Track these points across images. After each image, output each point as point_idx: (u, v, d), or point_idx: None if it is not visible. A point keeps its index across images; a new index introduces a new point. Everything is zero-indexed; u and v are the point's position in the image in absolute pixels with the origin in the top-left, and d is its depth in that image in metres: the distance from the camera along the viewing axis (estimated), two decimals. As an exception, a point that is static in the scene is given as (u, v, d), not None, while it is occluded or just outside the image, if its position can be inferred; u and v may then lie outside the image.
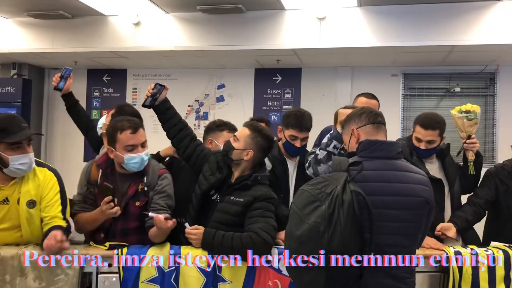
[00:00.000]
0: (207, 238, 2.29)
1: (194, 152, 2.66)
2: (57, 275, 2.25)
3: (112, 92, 7.00)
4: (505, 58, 5.60)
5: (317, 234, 1.79)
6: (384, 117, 2.18)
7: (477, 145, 2.92)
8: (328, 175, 1.92)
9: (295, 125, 2.73)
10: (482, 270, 2.42)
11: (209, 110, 6.77)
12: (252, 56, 5.86)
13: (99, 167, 2.51)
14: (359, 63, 6.18)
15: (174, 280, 2.28)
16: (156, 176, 2.50)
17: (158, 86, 2.66)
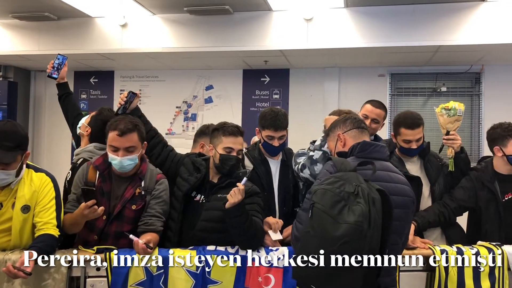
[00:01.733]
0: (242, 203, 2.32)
1: (167, 158, 2.68)
2: (44, 279, 2.23)
3: (100, 94, 6.97)
4: (489, 58, 5.67)
5: (360, 234, 1.80)
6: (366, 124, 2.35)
7: (457, 142, 2.90)
8: (339, 175, 1.93)
9: (270, 125, 2.75)
10: (467, 267, 2.46)
11: (198, 111, 6.77)
12: (240, 57, 5.87)
13: (96, 168, 2.49)
14: (347, 64, 6.22)
15: (162, 283, 2.28)
16: (154, 180, 2.50)
17: (131, 94, 2.69)
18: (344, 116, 2.39)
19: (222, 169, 2.53)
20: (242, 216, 2.28)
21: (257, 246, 2.38)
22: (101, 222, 2.42)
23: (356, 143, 2.18)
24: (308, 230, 1.87)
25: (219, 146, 2.52)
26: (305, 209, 2.04)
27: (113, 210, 2.42)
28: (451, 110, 2.89)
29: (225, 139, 2.51)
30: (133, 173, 2.48)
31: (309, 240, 1.87)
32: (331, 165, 2.05)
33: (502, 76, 6.06)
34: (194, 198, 2.54)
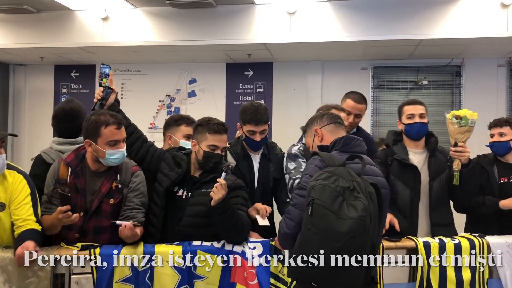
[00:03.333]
0: (228, 198, 2.30)
1: (147, 154, 2.66)
2: (27, 277, 2.21)
3: (81, 88, 6.85)
4: (470, 51, 5.75)
5: (364, 229, 1.82)
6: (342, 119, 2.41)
7: (466, 154, 2.77)
8: (331, 170, 1.94)
9: (251, 120, 2.75)
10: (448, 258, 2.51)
11: (181, 105, 6.72)
12: (223, 50, 5.84)
13: (68, 165, 2.46)
14: (330, 57, 6.24)
15: (148, 279, 2.27)
16: (130, 173, 2.49)
17: (107, 89, 2.66)
18: (320, 112, 2.46)
19: (205, 166, 2.52)
20: (228, 212, 2.29)
21: (244, 239, 2.39)
22: (79, 219, 2.37)
23: (339, 137, 2.21)
24: (309, 228, 1.86)
25: (203, 143, 2.50)
26: (296, 205, 2.04)
27: (91, 206, 2.39)
28: (462, 119, 2.73)
29: (210, 137, 2.49)
30: (108, 167, 2.46)
31: (311, 237, 1.86)
32: (319, 160, 2.07)
33: (482, 70, 6.15)
34: (176, 193, 2.53)
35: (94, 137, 2.39)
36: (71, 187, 2.39)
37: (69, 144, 2.76)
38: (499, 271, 2.56)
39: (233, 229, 2.34)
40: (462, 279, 2.50)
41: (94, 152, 2.41)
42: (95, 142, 2.39)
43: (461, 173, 2.80)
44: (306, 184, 1.99)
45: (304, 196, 1.98)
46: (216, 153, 2.49)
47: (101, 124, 2.38)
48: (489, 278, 2.56)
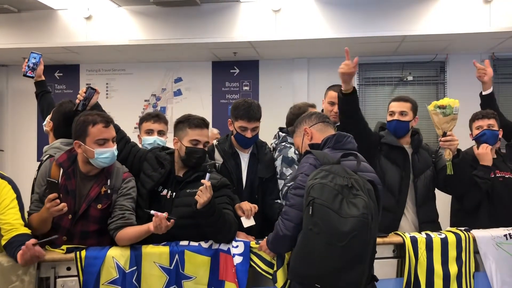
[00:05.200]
0: (213, 200, 2.28)
1: (129, 154, 2.64)
2: (11, 282, 2.16)
3: (65, 88, 6.77)
4: (453, 47, 5.81)
5: (367, 226, 1.82)
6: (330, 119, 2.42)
7: (455, 143, 2.76)
8: (327, 168, 1.93)
9: (243, 116, 2.74)
10: (436, 252, 2.53)
11: (167, 104, 6.68)
12: (208, 49, 5.82)
13: (60, 166, 2.42)
14: (315, 55, 6.25)
15: (136, 280, 2.25)
16: (121, 179, 2.44)
17: (90, 89, 2.64)
18: (308, 112, 2.47)
19: (189, 162, 2.50)
20: (214, 215, 2.26)
21: (231, 239, 2.37)
22: (67, 222, 2.35)
23: (330, 135, 2.21)
24: (310, 228, 1.84)
25: (185, 139, 2.48)
26: (293, 206, 2.03)
27: (79, 209, 2.36)
28: (446, 108, 2.72)
29: (191, 132, 2.48)
30: (99, 171, 2.43)
31: (313, 238, 1.84)
32: (313, 158, 2.06)
33: (466, 65, 6.15)
34: (160, 193, 2.50)
35: (83, 137, 2.36)
36: (62, 189, 2.35)
37: None
38: (484, 264, 2.59)
39: (221, 230, 2.33)
40: (449, 273, 2.52)
41: (83, 153, 2.37)
42: (84, 142, 2.35)
43: (454, 163, 2.79)
44: (303, 183, 1.98)
45: (301, 195, 1.96)
46: (198, 147, 2.47)
47: (88, 123, 2.35)
48: (475, 271, 2.58)
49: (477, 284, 2.57)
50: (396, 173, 2.92)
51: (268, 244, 2.21)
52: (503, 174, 2.99)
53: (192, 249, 2.32)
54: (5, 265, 2.18)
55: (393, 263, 2.56)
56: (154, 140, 3.00)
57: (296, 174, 2.11)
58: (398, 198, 2.89)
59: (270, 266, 2.30)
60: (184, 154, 2.47)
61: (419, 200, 2.94)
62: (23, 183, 2.71)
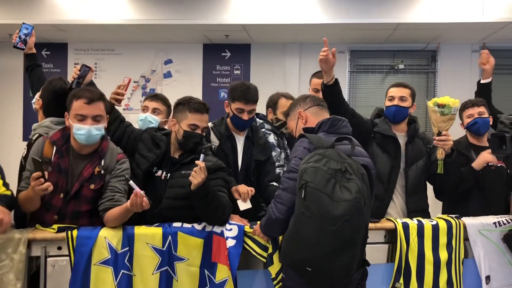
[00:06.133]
0: (207, 182, 2.24)
1: (124, 134, 2.60)
2: (1, 260, 2.13)
3: (52, 67, 6.62)
4: (445, 36, 5.82)
5: (359, 211, 1.81)
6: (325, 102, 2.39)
7: (449, 143, 2.74)
8: (320, 152, 1.92)
9: (241, 97, 2.72)
10: (427, 238, 2.55)
11: (156, 86, 6.59)
12: (200, 30, 5.74)
13: (53, 143, 2.37)
14: (308, 40, 6.21)
15: (128, 261, 2.22)
16: (115, 159, 2.40)
17: (84, 67, 2.60)
18: (303, 95, 2.44)
19: (185, 146, 2.47)
20: (208, 196, 2.24)
21: (225, 222, 2.36)
22: (58, 201, 2.31)
23: (325, 118, 2.20)
24: (302, 211, 1.83)
25: (184, 122, 2.45)
26: (287, 189, 2.02)
27: (71, 189, 2.32)
28: (445, 108, 2.70)
29: (191, 115, 2.44)
30: (93, 151, 2.38)
31: (304, 221, 1.83)
32: (307, 142, 2.04)
33: (457, 55, 6.24)
34: (155, 174, 2.47)
35: (68, 111, 2.35)
36: (55, 167, 2.31)
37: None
38: (473, 251, 2.63)
39: (214, 212, 2.31)
40: (439, 259, 2.55)
41: (69, 127, 2.34)
42: (69, 115, 2.34)
43: (445, 162, 2.79)
44: (296, 167, 1.96)
45: (294, 179, 1.95)
46: (196, 132, 2.44)
47: (73, 97, 2.33)
48: (464, 258, 2.62)
49: (465, 270, 2.61)
50: (387, 162, 2.93)
51: (261, 228, 2.20)
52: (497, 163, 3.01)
53: (185, 231, 2.30)
54: (-5, 242, 2.15)
55: (384, 249, 2.58)
56: (145, 117, 2.99)
57: (290, 157, 2.10)
58: (386, 187, 2.91)
59: (264, 249, 2.30)
60: (182, 138, 2.44)
61: (410, 189, 2.95)
62: (8, 161, 2.66)
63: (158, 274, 2.26)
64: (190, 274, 2.29)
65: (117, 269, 2.20)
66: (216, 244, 2.32)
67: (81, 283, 2.16)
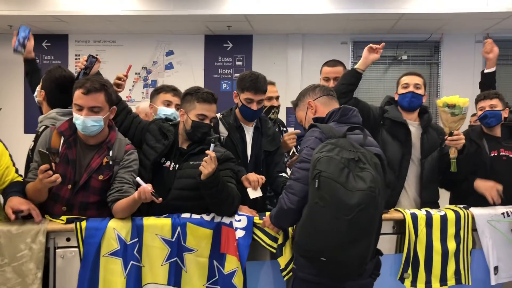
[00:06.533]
0: (218, 172, 2.24)
1: (131, 125, 2.58)
2: (20, 250, 2.12)
3: (53, 59, 6.60)
4: (449, 26, 5.79)
5: (374, 200, 1.80)
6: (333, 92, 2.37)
7: (461, 142, 2.71)
8: (333, 141, 1.91)
9: (250, 87, 2.70)
10: (435, 229, 2.54)
11: (158, 78, 6.57)
12: (202, 21, 5.70)
13: (61, 134, 2.34)
14: (310, 30, 6.18)
15: (137, 252, 2.21)
16: (123, 150, 2.38)
17: (91, 58, 2.56)
18: (312, 85, 2.41)
19: (193, 136, 2.45)
20: (218, 186, 2.23)
21: (234, 212, 2.35)
22: (66, 192, 2.29)
23: (335, 108, 2.18)
24: (316, 201, 1.81)
25: (192, 112, 2.43)
26: (298, 179, 2.00)
27: (79, 179, 2.30)
28: (455, 108, 2.66)
29: (199, 106, 2.42)
30: (100, 141, 2.36)
31: (319, 211, 1.82)
32: (319, 131, 2.02)
33: (460, 45, 6.21)
34: (163, 165, 2.46)
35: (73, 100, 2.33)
36: (62, 158, 2.29)
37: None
38: (481, 242, 2.62)
39: (223, 203, 2.30)
40: (447, 249, 2.54)
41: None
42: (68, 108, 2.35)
43: (458, 159, 2.77)
44: (308, 157, 1.94)
45: (306, 169, 1.94)
46: (205, 123, 2.43)
47: (76, 86, 2.31)
48: (472, 248, 2.61)
49: (473, 260, 2.61)
50: (397, 149, 2.91)
51: (272, 219, 2.19)
52: (507, 153, 2.99)
53: (194, 222, 2.29)
54: (14, 232, 2.14)
55: (393, 239, 2.57)
56: (172, 113, 2.87)
57: (301, 147, 2.08)
58: (398, 174, 2.88)
59: (274, 240, 2.29)
60: (190, 128, 2.42)
61: (425, 181, 2.92)
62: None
63: (167, 265, 2.25)
64: (199, 265, 2.28)
65: (127, 260, 2.19)
66: (225, 235, 2.31)
67: (90, 274, 2.15)
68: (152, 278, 2.24)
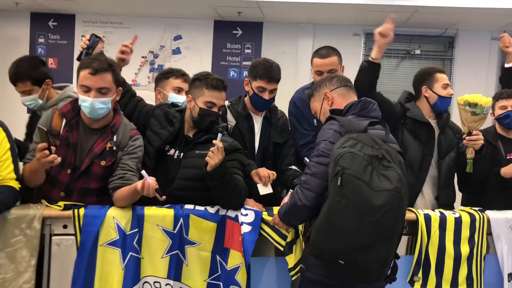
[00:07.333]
0: (224, 163, 2.13)
1: (135, 109, 2.46)
2: (14, 235, 2.03)
3: (59, 39, 6.47)
4: (464, 22, 5.64)
5: (400, 201, 1.70)
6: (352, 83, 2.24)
7: (480, 142, 2.61)
8: (354, 136, 1.79)
9: (263, 75, 2.58)
10: (448, 231, 2.43)
11: (165, 62, 6.43)
12: (211, 6, 5.56)
13: (63, 116, 2.23)
14: (322, 20, 6.03)
15: (136, 243, 2.12)
16: (128, 136, 2.27)
17: (94, 37, 2.44)
18: (329, 75, 2.29)
19: (200, 125, 2.34)
20: (225, 178, 2.12)
21: (240, 206, 2.24)
22: (65, 176, 2.19)
23: (355, 100, 2.06)
24: (338, 200, 1.69)
25: (200, 99, 2.31)
26: (315, 174, 1.87)
27: (80, 164, 2.19)
28: (477, 108, 2.54)
29: (208, 92, 2.30)
30: (104, 125, 2.25)
31: (340, 211, 1.70)
32: (338, 124, 1.90)
33: (475, 42, 6.06)
34: (167, 152, 2.35)
35: (77, 81, 2.21)
36: (63, 141, 2.18)
37: None
38: (496, 246, 2.52)
39: (230, 195, 2.19)
40: (460, 253, 2.44)
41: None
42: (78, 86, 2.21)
43: (474, 160, 2.66)
44: (327, 151, 1.83)
45: (325, 164, 1.82)
46: (213, 111, 2.31)
47: (80, 66, 2.20)
48: (486, 253, 2.51)
49: (486, 266, 2.50)
50: (419, 150, 2.77)
51: (281, 215, 2.07)
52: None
53: (197, 214, 2.19)
54: (8, 217, 2.05)
55: (404, 240, 2.45)
56: (184, 101, 2.65)
57: (318, 140, 1.95)
58: (417, 176, 2.76)
59: (283, 237, 2.19)
60: (197, 115, 2.31)
61: (443, 183, 2.80)
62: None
63: (168, 257, 2.15)
64: (201, 259, 2.19)
65: (125, 251, 2.10)
66: (229, 229, 2.20)
67: (87, 264, 2.06)
68: (151, 270, 2.15)
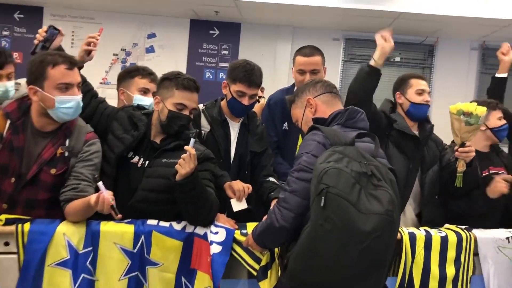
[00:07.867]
0: (196, 173, 1.90)
1: (95, 111, 2.20)
2: None
3: (25, 32, 6.17)
4: (445, 31, 5.61)
5: (391, 226, 1.51)
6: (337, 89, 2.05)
7: (471, 154, 2.40)
8: (339, 150, 1.59)
9: (243, 79, 2.35)
10: (434, 252, 2.27)
11: (137, 61, 6.20)
12: (188, 3, 5.35)
13: (7, 116, 1.96)
14: (301, 23, 5.89)
15: (90, 264, 1.86)
16: (82, 140, 2.00)
17: (52, 29, 2.19)
18: (312, 80, 2.08)
19: (169, 129, 2.09)
20: (196, 189, 1.89)
21: (210, 222, 2.02)
22: (9, 185, 1.91)
23: (341, 109, 1.86)
24: (321, 223, 1.48)
25: (169, 100, 2.07)
26: (295, 192, 1.66)
27: (27, 172, 1.92)
28: (472, 117, 2.35)
29: (178, 93, 2.06)
30: (56, 128, 1.99)
31: (324, 236, 1.50)
32: (322, 136, 1.69)
33: (455, 51, 6.05)
34: (131, 160, 2.10)
35: (40, 82, 1.90)
36: (6, 144, 1.91)
37: None
38: (482, 268, 2.35)
39: (199, 210, 1.96)
40: (445, 275, 2.27)
41: (40, 101, 1.91)
42: (41, 87, 1.90)
43: (464, 173, 2.46)
44: (309, 165, 1.61)
45: (306, 180, 1.60)
46: (183, 114, 2.08)
47: (47, 63, 1.89)
48: (472, 274, 2.35)
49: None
50: (404, 164, 2.59)
51: (255, 236, 1.85)
52: (496, 170, 2.72)
53: (161, 231, 1.95)
54: None
55: (386, 261, 2.29)
56: (151, 103, 2.42)
57: (300, 153, 1.73)
58: (403, 192, 2.57)
59: (257, 261, 1.97)
60: (165, 119, 2.06)
61: (426, 197, 2.63)
62: None
63: (126, 280, 1.90)
64: (164, 281, 1.95)
65: (77, 273, 1.84)
66: (197, 248, 1.97)
67: (31, 287, 1.80)
68: (107, 294, 1.90)
